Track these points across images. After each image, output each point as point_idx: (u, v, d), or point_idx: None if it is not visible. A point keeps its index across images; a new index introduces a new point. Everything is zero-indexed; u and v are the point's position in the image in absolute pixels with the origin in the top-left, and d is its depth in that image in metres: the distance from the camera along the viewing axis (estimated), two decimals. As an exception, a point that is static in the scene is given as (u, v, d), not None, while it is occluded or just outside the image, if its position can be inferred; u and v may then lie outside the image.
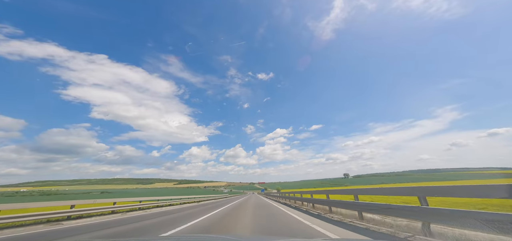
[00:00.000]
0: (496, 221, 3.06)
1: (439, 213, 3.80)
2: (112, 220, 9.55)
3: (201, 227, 6.98)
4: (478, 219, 3.23)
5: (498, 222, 3.03)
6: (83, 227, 7.65)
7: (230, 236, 3.02)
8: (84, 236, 6.33)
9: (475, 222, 3.27)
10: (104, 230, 7.02)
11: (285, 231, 5.79)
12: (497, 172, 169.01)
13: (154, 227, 7.38)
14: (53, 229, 7.45)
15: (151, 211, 13.58)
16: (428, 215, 4.06)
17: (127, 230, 7.04)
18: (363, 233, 5.01)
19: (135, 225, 7.93)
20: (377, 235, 4.81)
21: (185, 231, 6.37)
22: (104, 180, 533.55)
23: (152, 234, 6.23)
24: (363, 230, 5.29)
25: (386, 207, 5.30)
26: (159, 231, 6.54)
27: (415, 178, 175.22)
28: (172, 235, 5.82)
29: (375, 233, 4.98)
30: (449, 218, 3.61)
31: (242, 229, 6.33)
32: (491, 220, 3.11)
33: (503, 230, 2.98)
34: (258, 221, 7.58)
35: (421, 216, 4.25)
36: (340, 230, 5.47)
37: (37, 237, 6.22)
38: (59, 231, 7.05)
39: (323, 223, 6.62)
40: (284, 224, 6.86)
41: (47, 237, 6.18)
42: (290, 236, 5.25)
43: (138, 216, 10.92)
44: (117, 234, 6.47)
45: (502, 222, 2.99)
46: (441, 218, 3.78)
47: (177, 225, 7.40)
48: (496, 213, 3.12)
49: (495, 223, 3.06)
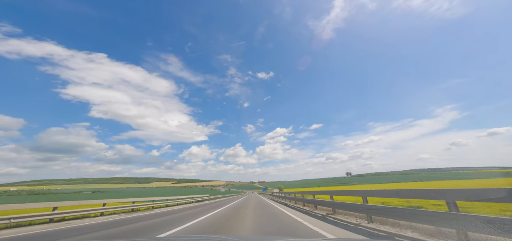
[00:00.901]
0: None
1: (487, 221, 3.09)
2: (98, 223, 8.83)
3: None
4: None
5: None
6: (58, 232, 6.91)
7: (229, 236, 2.99)
8: (76, 238, 6.00)
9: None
10: (85, 235, 6.31)
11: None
12: (496, 171, 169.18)
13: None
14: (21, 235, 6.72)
15: (141, 213, 12.88)
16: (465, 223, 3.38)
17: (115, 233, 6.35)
18: (366, 235, 4.85)
19: (123, 228, 7.23)
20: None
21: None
22: (101, 179, 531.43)
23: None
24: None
25: (412, 213, 4.59)
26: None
27: (421, 176, 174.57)
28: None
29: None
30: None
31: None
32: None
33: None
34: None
35: (452, 224, 3.57)
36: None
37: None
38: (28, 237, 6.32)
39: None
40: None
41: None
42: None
43: (127, 218, 10.21)
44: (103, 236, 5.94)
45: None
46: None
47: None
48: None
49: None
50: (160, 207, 17.49)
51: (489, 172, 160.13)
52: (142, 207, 15.95)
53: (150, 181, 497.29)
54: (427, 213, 4.08)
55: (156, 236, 5.60)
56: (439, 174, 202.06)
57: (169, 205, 18.93)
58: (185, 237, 4.41)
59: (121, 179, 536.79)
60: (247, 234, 6.01)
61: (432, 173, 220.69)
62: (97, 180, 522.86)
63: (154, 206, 16.97)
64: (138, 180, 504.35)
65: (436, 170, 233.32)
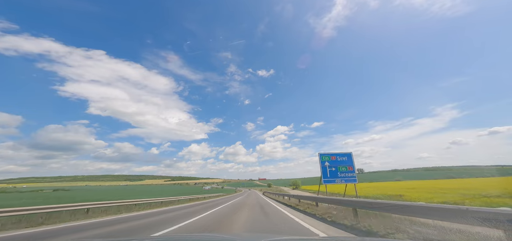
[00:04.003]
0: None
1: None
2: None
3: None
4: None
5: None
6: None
7: (224, 234, 3.71)
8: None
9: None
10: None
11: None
12: (493, 169, 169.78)
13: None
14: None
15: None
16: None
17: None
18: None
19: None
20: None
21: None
22: (91, 177, 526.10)
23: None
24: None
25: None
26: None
27: (421, 175, 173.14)
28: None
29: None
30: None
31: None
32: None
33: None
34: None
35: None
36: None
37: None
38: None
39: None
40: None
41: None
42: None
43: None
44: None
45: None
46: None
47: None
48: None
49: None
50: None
51: (487, 170, 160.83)
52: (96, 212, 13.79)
53: (143, 179, 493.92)
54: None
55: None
56: (436, 172, 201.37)
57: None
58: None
59: (113, 176, 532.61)
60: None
61: (432, 171, 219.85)
62: (86, 177, 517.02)
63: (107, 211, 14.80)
64: (127, 178, 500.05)
65: (436, 169, 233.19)
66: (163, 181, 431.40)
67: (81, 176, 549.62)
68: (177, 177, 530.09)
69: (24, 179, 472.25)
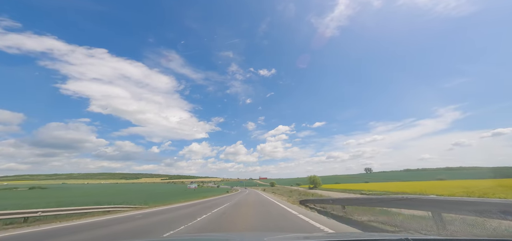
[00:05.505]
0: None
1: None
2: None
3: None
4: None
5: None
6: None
7: (231, 233, 3.86)
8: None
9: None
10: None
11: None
12: (495, 170, 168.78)
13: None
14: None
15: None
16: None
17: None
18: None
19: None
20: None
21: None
22: (86, 175, 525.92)
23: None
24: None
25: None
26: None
27: (423, 175, 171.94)
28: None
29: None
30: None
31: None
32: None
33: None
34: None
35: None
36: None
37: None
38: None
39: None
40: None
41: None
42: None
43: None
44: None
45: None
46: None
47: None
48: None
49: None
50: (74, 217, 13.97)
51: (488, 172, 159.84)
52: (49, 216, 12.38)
53: (139, 177, 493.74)
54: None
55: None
56: (443, 173, 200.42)
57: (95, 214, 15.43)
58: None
59: (111, 175, 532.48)
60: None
61: (434, 171, 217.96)
62: (82, 175, 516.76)
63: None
64: (126, 176, 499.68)
65: (437, 170, 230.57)
66: (160, 179, 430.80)
67: (77, 173, 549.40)
68: (175, 176, 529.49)
69: (20, 176, 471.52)
